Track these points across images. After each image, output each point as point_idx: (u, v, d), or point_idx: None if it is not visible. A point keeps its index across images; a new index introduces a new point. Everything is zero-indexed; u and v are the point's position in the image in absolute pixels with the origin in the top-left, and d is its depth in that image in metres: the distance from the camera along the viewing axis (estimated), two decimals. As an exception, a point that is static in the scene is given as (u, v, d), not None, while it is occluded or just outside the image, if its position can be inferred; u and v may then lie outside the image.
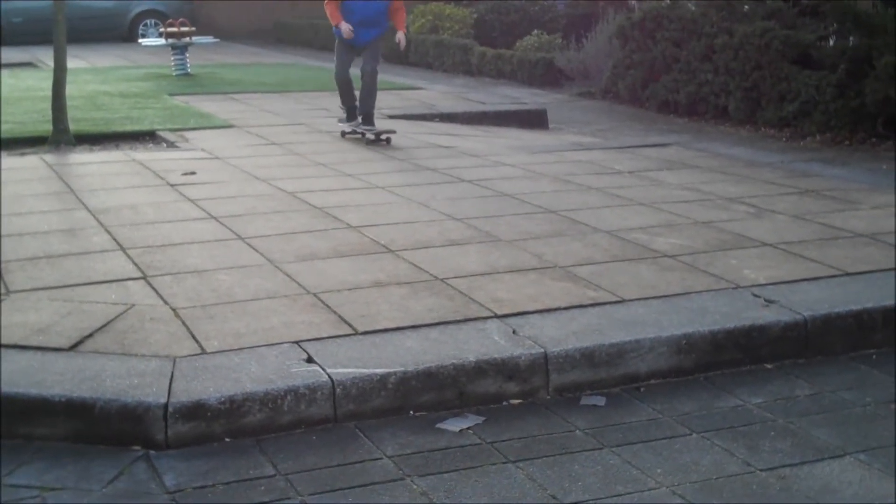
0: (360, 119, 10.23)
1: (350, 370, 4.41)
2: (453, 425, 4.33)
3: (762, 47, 11.47)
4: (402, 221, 6.85)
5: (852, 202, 7.59)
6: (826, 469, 3.96)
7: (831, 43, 11.69)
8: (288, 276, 5.67)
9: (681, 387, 4.75)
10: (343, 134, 10.50)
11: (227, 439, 4.17)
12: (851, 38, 11.39)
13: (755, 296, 5.39)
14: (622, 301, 5.29)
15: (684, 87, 12.64)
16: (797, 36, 11.36)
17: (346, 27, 9.62)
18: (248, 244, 6.30)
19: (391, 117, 12.26)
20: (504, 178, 8.38)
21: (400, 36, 9.84)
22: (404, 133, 10.74)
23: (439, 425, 4.33)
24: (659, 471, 3.95)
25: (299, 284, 5.51)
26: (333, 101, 13.49)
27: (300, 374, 4.36)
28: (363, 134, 10.25)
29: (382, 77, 17.05)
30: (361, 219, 6.90)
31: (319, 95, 14.19)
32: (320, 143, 10.21)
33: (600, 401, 4.59)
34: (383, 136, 10.19)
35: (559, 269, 5.80)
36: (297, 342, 4.69)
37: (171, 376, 4.32)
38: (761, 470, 3.95)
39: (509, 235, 6.50)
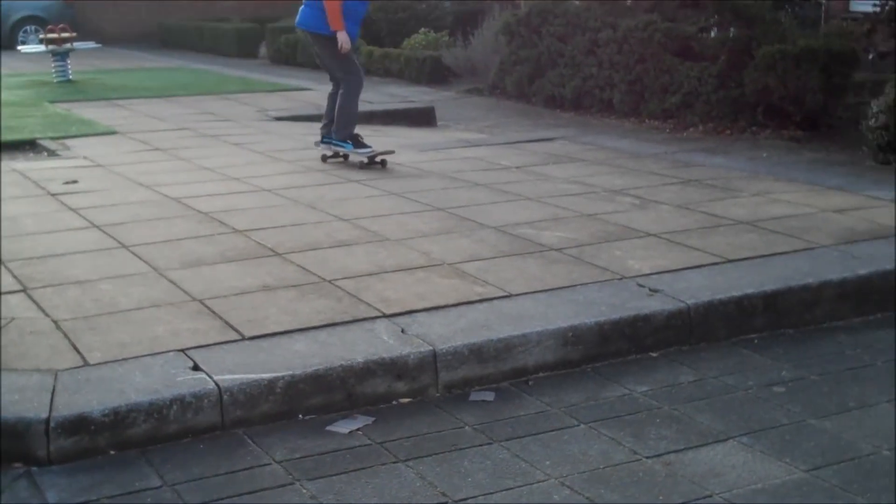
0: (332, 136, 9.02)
1: (237, 376, 4.36)
2: (343, 427, 4.31)
3: (645, 40, 11.64)
4: (289, 224, 6.80)
5: (733, 190, 7.75)
6: (710, 453, 4.04)
7: (712, 34, 11.92)
8: (173, 283, 5.58)
9: (568, 378, 4.79)
10: (324, 158, 9.13)
11: (112, 452, 4.08)
12: (732, 30, 11.64)
13: (640, 286, 5.47)
14: (509, 296, 5.32)
15: (570, 82, 12.77)
16: (679, 28, 11.57)
17: (344, 36, 8.46)
18: (132, 252, 6.19)
19: (278, 119, 12.20)
20: (392, 177, 8.38)
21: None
22: (291, 135, 10.68)
23: (329, 428, 4.30)
24: (547, 463, 3.98)
25: (185, 291, 5.43)
26: (219, 105, 13.40)
27: (186, 383, 4.30)
28: (346, 157, 9.07)
29: (269, 78, 17.03)
30: (248, 222, 6.83)
31: (205, 99, 14.04)
32: (205, 147, 10.07)
33: (489, 396, 4.61)
34: (378, 160, 8.90)
35: (447, 267, 5.81)
36: (182, 350, 4.62)
37: (53, 390, 4.22)
38: (647, 457, 4.01)
39: (397, 234, 6.50)
